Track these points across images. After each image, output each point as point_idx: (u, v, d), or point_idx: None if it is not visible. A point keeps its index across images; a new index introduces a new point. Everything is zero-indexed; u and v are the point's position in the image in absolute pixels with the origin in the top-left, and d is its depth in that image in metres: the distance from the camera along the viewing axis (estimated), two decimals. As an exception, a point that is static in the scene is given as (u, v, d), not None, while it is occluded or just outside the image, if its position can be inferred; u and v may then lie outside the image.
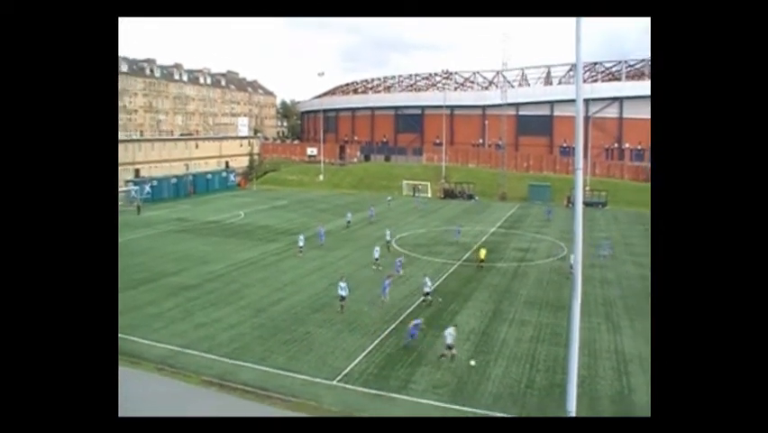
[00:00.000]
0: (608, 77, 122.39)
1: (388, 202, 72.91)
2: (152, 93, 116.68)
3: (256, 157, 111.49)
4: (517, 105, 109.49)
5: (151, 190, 74.61)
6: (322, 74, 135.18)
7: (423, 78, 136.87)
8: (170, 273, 37.47)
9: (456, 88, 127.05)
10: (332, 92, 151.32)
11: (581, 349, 22.88)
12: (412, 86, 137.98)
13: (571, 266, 36.85)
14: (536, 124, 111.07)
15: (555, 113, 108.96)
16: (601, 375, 23.01)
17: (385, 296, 30.88)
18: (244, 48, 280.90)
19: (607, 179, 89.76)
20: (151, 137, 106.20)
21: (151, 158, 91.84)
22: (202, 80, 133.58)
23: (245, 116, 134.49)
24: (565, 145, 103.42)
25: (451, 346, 23.73)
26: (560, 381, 21.63)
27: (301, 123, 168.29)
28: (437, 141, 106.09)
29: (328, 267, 39.66)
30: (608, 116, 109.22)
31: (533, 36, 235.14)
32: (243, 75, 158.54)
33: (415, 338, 25.54)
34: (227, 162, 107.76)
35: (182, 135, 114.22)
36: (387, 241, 46.08)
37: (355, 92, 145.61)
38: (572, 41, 12.64)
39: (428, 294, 31.00)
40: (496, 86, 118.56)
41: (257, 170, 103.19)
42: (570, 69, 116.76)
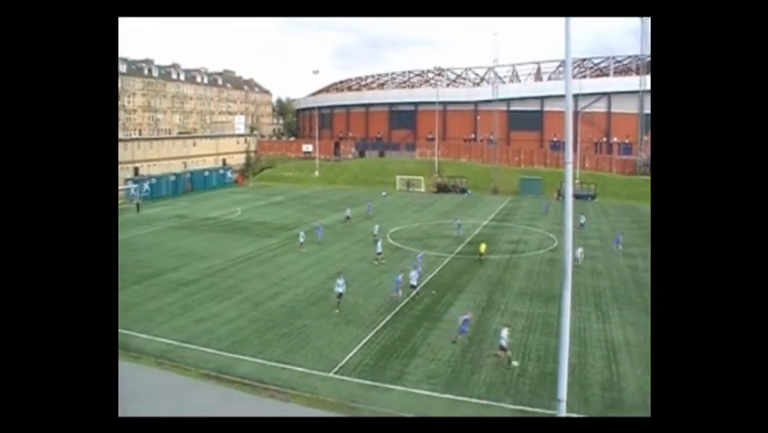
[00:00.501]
0: (597, 72, 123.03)
1: (383, 197, 73.38)
2: (151, 92, 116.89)
3: (252, 154, 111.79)
4: (509, 100, 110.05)
5: (150, 188, 74.81)
6: (317, 72, 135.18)
7: (416, 75, 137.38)
8: (171, 269, 37.92)
9: (449, 85, 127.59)
10: (327, 89, 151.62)
11: (572, 338, 23.44)
12: (405, 82, 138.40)
13: (577, 259, 37.55)
14: (527, 120, 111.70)
15: (546, 108, 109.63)
16: (591, 363, 23.61)
17: (397, 291, 31.02)
18: (241, 47, 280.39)
19: (596, 172, 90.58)
20: (150, 136, 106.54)
21: (150, 156, 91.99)
22: (199, 79, 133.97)
23: (242, 114, 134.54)
24: (555, 140, 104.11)
25: (505, 348, 23.15)
26: (551, 369, 22.18)
27: (297, 120, 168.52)
28: (430, 136, 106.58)
29: (325, 261, 40.17)
30: (597, 111, 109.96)
31: (523, 33, 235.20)
32: (240, 74, 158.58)
33: (465, 333, 25.41)
34: (224, 160, 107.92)
35: (180, 134, 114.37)
36: (374, 235, 46.58)
37: (350, 89, 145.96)
38: (562, 38, 12.86)
39: (414, 287, 31.48)
40: (487, 82, 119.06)
41: (253, 167, 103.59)
42: (559, 65, 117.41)
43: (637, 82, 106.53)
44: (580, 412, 19.32)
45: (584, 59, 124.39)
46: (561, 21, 12.66)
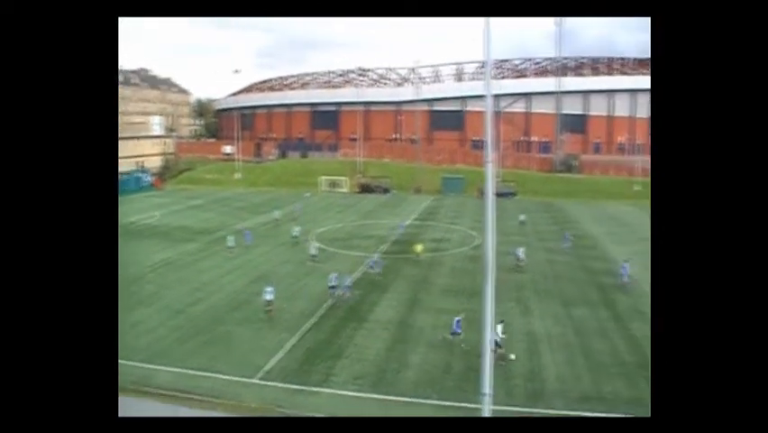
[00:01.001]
0: (516, 74, 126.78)
1: (306, 198, 72.83)
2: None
3: (171, 156, 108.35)
4: (431, 100, 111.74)
5: (61, 193, 71.04)
6: (238, 72, 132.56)
7: (339, 75, 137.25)
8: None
9: (371, 85, 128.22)
10: (248, 90, 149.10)
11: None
12: (328, 82, 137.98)
13: (519, 258, 38.21)
14: (449, 119, 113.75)
15: (467, 108, 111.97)
16: (515, 356, 24.20)
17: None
18: (156, 45, 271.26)
19: (516, 170, 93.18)
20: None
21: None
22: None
23: (159, 115, 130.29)
24: (477, 139, 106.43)
25: (499, 345, 23.12)
26: (475, 364, 22.49)
27: (217, 121, 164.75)
28: (353, 136, 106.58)
29: (247, 265, 39.42)
30: (517, 111, 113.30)
31: (445, 34, 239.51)
32: (156, 72, 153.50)
33: (458, 335, 25.09)
34: (141, 163, 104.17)
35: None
36: (293, 236, 46.10)
37: (271, 89, 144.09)
38: (482, 40, 12.94)
39: (334, 288, 31.38)
40: (410, 82, 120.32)
41: (172, 170, 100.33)
42: (480, 66, 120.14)
43: (555, 83, 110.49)
44: (504, 405, 19.72)
45: (504, 60, 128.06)
46: (481, 23, 12.72)
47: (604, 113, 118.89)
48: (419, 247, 41.38)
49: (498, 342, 23.12)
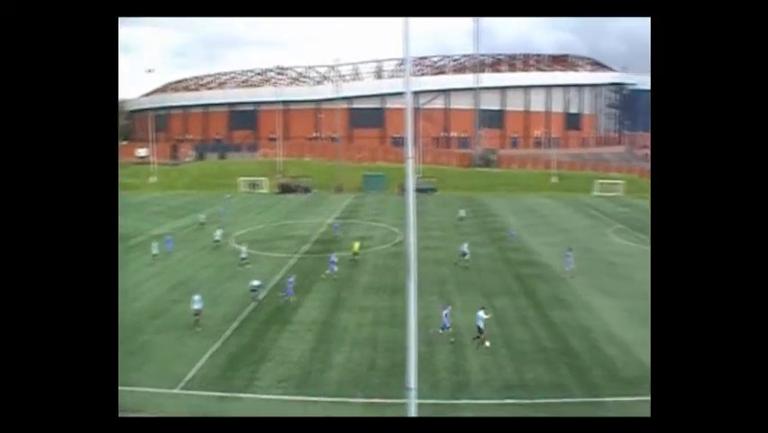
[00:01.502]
0: (435, 71, 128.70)
1: (227, 199, 71.20)
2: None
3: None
4: (350, 98, 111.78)
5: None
6: (151, 71, 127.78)
7: (257, 74, 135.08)
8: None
9: (290, 84, 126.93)
10: (162, 90, 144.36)
11: (419, 328, 24.07)
12: (246, 82, 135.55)
13: (464, 253, 38.57)
14: (369, 117, 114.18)
15: (387, 105, 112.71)
16: (438, 350, 24.47)
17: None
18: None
19: (436, 166, 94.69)
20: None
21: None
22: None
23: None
24: (397, 136, 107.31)
25: (482, 330, 24.63)
26: (400, 360, 22.59)
27: (129, 123, 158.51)
28: (272, 136, 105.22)
29: (167, 271, 38.05)
30: (436, 108, 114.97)
31: (364, 32, 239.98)
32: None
33: (447, 329, 25.61)
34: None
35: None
36: (216, 240, 44.96)
37: (187, 89, 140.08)
38: (401, 37, 12.94)
39: (255, 290, 30.85)
40: (329, 80, 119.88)
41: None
42: (399, 64, 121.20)
43: (473, 80, 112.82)
44: (429, 398, 19.88)
45: (423, 57, 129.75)
46: (399, 21, 12.73)
47: (521, 108, 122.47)
48: (356, 245, 41.18)
49: (481, 327, 24.60)
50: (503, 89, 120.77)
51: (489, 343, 24.83)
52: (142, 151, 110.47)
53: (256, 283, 31.27)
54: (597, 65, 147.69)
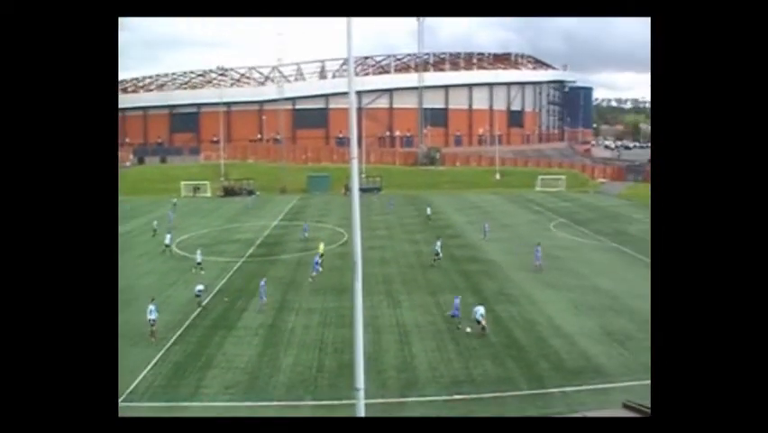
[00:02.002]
0: (379, 70, 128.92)
1: (173, 204, 69.35)
2: None
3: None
4: (294, 99, 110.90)
5: None
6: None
7: (198, 76, 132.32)
8: None
9: (232, 85, 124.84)
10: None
11: (366, 327, 23.92)
12: (187, 83, 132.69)
13: (437, 252, 38.54)
14: (313, 117, 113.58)
15: (330, 105, 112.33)
16: (386, 348, 24.50)
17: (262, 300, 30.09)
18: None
19: (380, 165, 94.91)
20: None
21: None
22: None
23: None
24: (341, 136, 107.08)
25: (480, 321, 25.95)
26: (348, 360, 22.52)
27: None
28: (215, 139, 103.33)
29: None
30: (380, 107, 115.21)
31: (306, 32, 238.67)
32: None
33: (458, 318, 26.70)
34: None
35: None
36: (166, 245, 43.85)
37: (125, 91, 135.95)
38: (344, 37, 12.79)
39: (200, 295, 30.30)
40: (272, 81, 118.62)
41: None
42: (343, 64, 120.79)
43: (416, 79, 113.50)
44: (378, 397, 19.86)
45: (366, 57, 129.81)
46: (343, 21, 12.64)
47: (464, 106, 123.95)
48: (321, 246, 40.63)
49: (480, 320, 25.88)
50: (446, 88, 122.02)
51: (470, 329, 26.21)
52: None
53: (200, 288, 30.61)
54: (538, 63, 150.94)
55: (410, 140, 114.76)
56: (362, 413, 13.38)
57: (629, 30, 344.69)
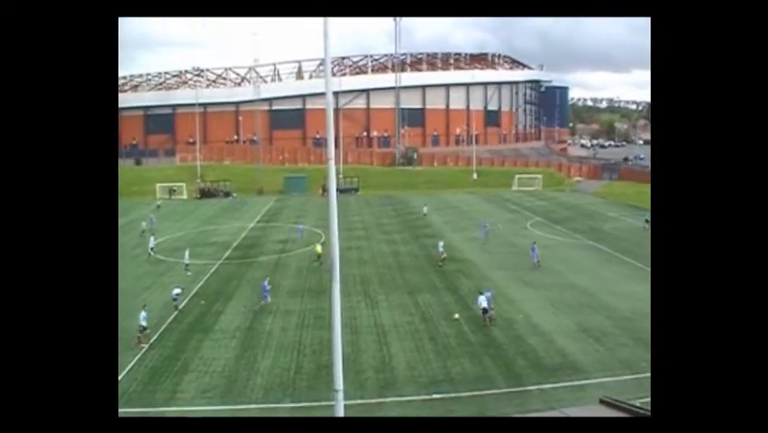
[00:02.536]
0: (356, 70, 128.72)
1: (157, 207, 68.47)
2: None
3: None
4: (270, 100, 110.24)
5: None
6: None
7: (173, 76, 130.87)
8: None
9: (208, 86, 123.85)
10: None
11: (344, 328, 23.97)
12: (161, 84, 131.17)
13: (441, 251, 38.69)
14: (290, 118, 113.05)
15: (307, 106, 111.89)
16: (364, 349, 24.46)
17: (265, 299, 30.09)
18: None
19: (358, 165, 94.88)
20: None
21: None
22: None
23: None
24: (318, 137, 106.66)
25: (486, 310, 26.94)
26: (326, 362, 22.48)
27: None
28: (191, 140, 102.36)
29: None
30: (357, 107, 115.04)
31: (283, 32, 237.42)
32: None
33: (489, 311, 27.28)
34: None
35: None
36: (151, 249, 43.36)
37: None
38: (321, 37, 12.79)
39: (176, 298, 30.01)
40: (249, 81, 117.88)
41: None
42: (320, 64, 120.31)
43: (393, 79, 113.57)
44: (357, 398, 19.81)
45: (343, 57, 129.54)
46: (319, 21, 12.61)
47: (441, 106, 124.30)
48: (318, 248, 40.24)
49: (486, 308, 26.93)
50: (423, 88, 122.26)
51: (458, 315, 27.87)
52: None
53: (177, 291, 30.29)
54: (515, 63, 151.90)
55: (387, 140, 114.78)
56: (341, 414, 13.34)
57: (602, 30, 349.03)
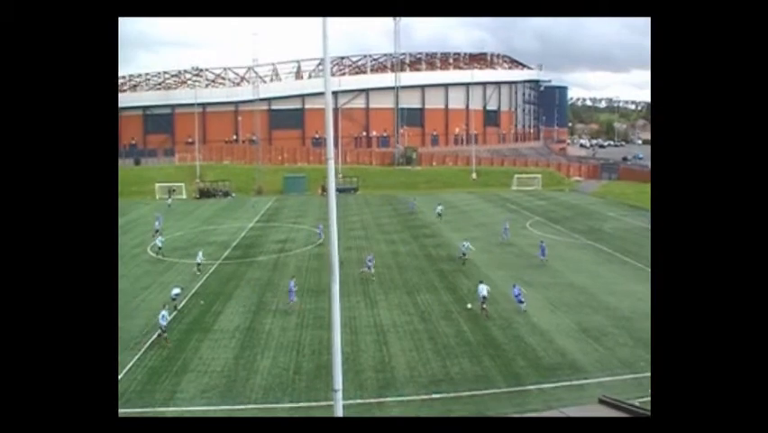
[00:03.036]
0: (355, 70, 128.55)
1: (168, 205, 68.46)
2: None
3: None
4: (270, 99, 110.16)
5: None
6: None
7: (172, 76, 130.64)
8: None
9: (207, 85, 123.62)
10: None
11: (344, 328, 24.09)
12: (161, 84, 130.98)
13: (464, 253, 38.79)
14: (289, 118, 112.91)
15: (306, 106, 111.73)
16: (363, 349, 24.46)
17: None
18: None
19: (357, 165, 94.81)
20: None
21: None
22: None
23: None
24: (317, 136, 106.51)
25: (485, 298, 28.42)
26: (326, 362, 22.49)
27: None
28: (190, 140, 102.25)
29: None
30: (356, 107, 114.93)
31: (282, 32, 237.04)
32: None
33: (522, 305, 29.02)
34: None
35: None
36: (159, 248, 43.43)
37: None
38: (320, 37, 12.79)
39: (176, 299, 29.91)
40: (248, 81, 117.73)
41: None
42: (319, 64, 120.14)
43: (392, 79, 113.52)
44: (356, 398, 19.84)
45: (342, 57, 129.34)
46: (318, 21, 12.61)
47: (441, 106, 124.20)
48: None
49: (484, 296, 28.44)
50: (423, 88, 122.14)
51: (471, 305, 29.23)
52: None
53: (176, 291, 30.27)
54: (514, 63, 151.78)
55: (386, 140, 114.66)
56: (340, 414, 13.36)
57: (601, 30, 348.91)
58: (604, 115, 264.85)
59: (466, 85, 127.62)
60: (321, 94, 15.22)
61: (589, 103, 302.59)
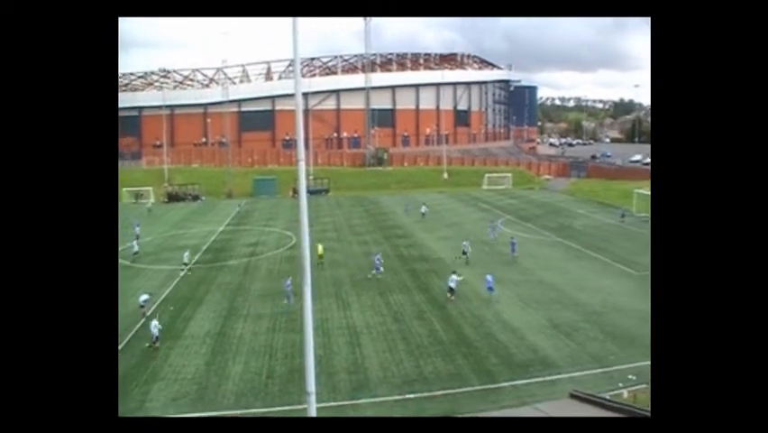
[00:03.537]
0: (326, 71, 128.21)
1: (148, 210, 67.36)
2: None
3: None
4: (239, 101, 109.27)
5: None
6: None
7: (138, 77, 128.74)
8: None
9: (175, 87, 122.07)
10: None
11: (316, 331, 23.83)
12: (127, 85, 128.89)
13: (464, 252, 39.04)
14: (259, 120, 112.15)
15: (277, 107, 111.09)
16: (336, 351, 24.34)
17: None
18: None
19: (328, 167, 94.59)
20: None
21: None
22: None
23: None
24: (288, 138, 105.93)
25: (453, 289, 30.12)
26: (299, 365, 22.32)
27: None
28: (158, 143, 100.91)
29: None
30: (327, 108, 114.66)
31: (252, 33, 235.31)
32: None
33: (491, 292, 30.72)
34: None
35: None
36: (134, 252, 43.01)
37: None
38: (290, 38, 12.70)
39: (144, 305, 29.46)
40: (217, 83, 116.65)
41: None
42: (289, 65, 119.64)
43: (363, 79, 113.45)
44: (329, 401, 19.73)
45: (313, 58, 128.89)
46: (288, 22, 12.50)
47: (411, 106, 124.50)
48: (320, 248, 39.62)
49: (453, 288, 30.16)
50: (393, 88, 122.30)
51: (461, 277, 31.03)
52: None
53: (145, 297, 29.74)
54: (484, 63, 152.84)
55: (358, 141, 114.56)
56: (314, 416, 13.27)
57: (568, 30, 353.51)
58: (573, 114, 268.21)
59: (436, 85, 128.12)
60: (291, 95, 15.11)
61: (558, 102, 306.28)
